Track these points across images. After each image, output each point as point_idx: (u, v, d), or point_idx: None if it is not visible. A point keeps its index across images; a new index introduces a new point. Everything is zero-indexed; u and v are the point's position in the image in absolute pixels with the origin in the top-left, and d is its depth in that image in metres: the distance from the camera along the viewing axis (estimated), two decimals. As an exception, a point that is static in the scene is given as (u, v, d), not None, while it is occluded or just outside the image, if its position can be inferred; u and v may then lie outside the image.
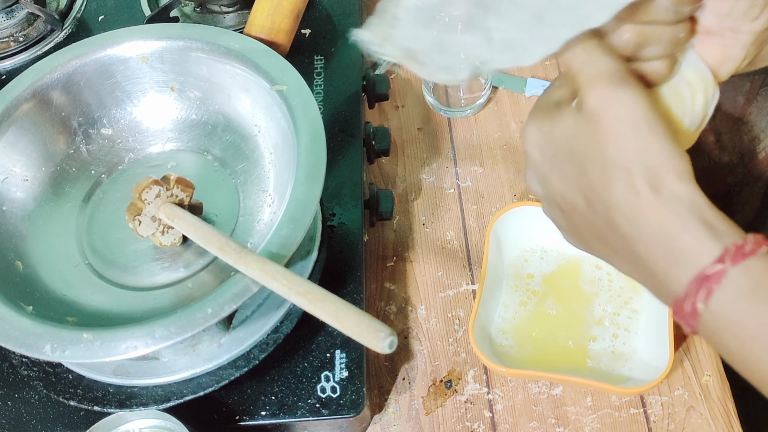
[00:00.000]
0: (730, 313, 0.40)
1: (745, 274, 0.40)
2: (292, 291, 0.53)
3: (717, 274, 0.40)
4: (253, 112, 0.71)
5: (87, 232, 0.69)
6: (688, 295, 0.41)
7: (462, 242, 0.80)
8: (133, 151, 0.74)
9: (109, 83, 0.73)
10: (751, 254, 0.40)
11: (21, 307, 0.59)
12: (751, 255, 0.40)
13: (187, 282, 0.65)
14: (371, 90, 0.84)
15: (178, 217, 0.64)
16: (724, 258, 0.40)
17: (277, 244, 0.58)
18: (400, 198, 0.83)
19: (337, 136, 0.79)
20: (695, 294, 0.40)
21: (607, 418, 0.67)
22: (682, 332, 0.71)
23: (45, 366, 0.65)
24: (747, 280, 0.40)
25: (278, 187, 0.67)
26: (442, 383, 0.71)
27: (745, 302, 0.40)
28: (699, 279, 0.40)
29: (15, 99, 0.69)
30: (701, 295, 0.40)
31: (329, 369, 0.65)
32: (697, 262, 0.40)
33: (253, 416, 0.63)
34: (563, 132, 0.45)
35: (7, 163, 0.69)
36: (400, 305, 0.76)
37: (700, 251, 0.40)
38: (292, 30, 0.79)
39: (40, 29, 0.95)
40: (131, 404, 0.62)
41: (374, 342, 0.50)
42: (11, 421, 0.64)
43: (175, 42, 0.72)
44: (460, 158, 0.86)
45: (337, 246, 0.72)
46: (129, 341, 0.55)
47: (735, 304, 0.40)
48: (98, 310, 0.63)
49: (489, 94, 0.89)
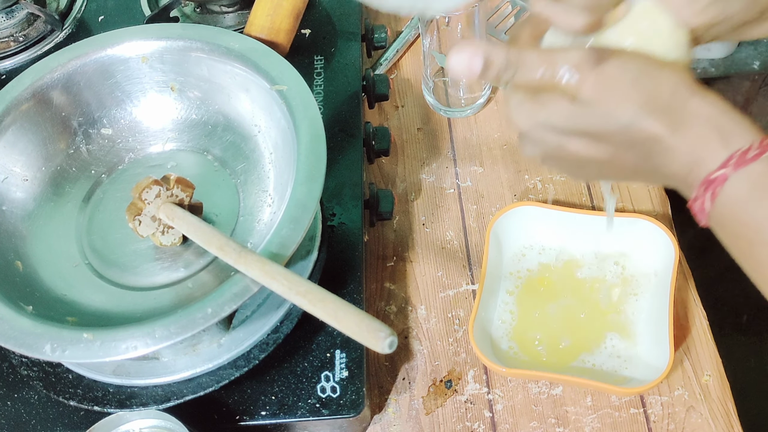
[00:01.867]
0: (731, 212, 0.45)
1: (745, 177, 0.44)
2: (292, 291, 0.53)
3: (720, 178, 0.44)
4: (253, 112, 0.71)
5: (87, 232, 0.69)
6: (698, 197, 0.46)
7: (462, 242, 0.80)
8: (133, 151, 0.74)
9: (109, 83, 0.73)
10: (753, 160, 0.44)
11: (21, 307, 0.59)
12: (753, 160, 0.44)
13: (187, 282, 0.65)
14: (371, 90, 0.84)
15: (178, 217, 0.64)
16: (727, 163, 0.44)
17: (277, 244, 0.58)
18: (400, 198, 0.83)
19: (337, 136, 0.79)
20: (703, 195, 0.45)
21: (607, 418, 0.67)
22: (682, 332, 0.71)
23: (45, 366, 0.65)
24: (746, 183, 0.44)
25: (278, 187, 0.67)
26: (442, 383, 0.71)
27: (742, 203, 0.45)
28: (705, 182, 0.45)
29: (15, 99, 0.70)
30: (708, 195, 0.45)
31: (329, 369, 0.65)
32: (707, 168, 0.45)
33: (253, 416, 0.63)
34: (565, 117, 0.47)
35: (7, 163, 0.69)
36: (400, 305, 0.76)
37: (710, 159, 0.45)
38: (292, 30, 0.79)
39: (40, 29, 0.95)
40: (131, 404, 0.62)
41: (374, 342, 0.50)
42: (11, 421, 0.64)
43: (175, 42, 0.72)
44: (460, 158, 0.86)
45: (337, 246, 0.72)
46: (129, 341, 0.55)
47: (735, 204, 0.45)
48: (98, 310, 0.63)
49: (489, 94, 0.89)
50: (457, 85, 0.90)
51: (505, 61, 0.46)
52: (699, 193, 0.46)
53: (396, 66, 0.95)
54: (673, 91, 0.45)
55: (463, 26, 0.84)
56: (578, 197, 0.81)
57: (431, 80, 0.89)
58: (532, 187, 0.82)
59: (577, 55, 0.46)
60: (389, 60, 0.94)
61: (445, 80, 0.90)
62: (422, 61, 0.89)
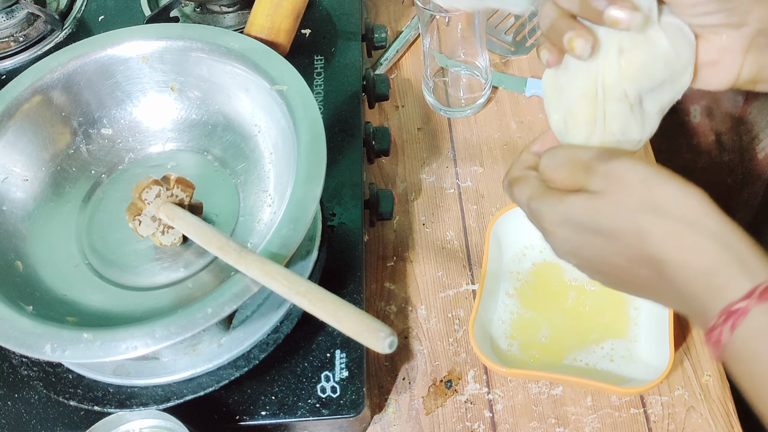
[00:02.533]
0: (747, 348, 0.43)
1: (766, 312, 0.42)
2: (292, 291, 0.53)
3: (742, 310, 0.43)
4: (253, 112, 0.71)
5: (87, 232, 0.69)
6: (716, 326, 0.44)
7: (462, 242, 0.80)
8: (133, 151, 0.74)
9: (109, 83, 0.73)
10: None
11: (21, 307, 0.59)
12: None
13: (187, 282, 0.65)
14: (371, 90, 0.84)
15: (178, 217, 0.64)
16: (751, 295, 0.42)
17: (277, 244, 0.58)
18: (400, 198, 0.83)
19: (337, 136, 0.79)
20: (722, 326, 0.43)
21: (607, 418, 0.67)
22: (682, 332, 0.71)
23: (45, 366, 0.65)
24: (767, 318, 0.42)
25: (278, 187, 0.67)
26: (442, 383, 0.71)
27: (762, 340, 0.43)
28: (726, 312, 0.43)
29: (15, 99, 0.70)
30: (727, 327, 0.43)
31: (329, 369, 0.65)
32: (728, 297, 0.43)
33: (253, 416, 0.63)
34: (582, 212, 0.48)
35: (7, 163, 0.69)
36: (400, 305, 0.76)
37: (732, 287, 0.43)
38: (292, 30, 0.79)
39: (40, 29, 0.95)
40: (131, 404, 0.62)
41: (374, 342, 0.50)
42: (11, 421, 0.64)
43: (175, 42, 0.72)
44: (460, 158, 0.86)
45: (337, 246, 0.72)
46: (129, 341, 0.55)
47: (752, 340, 0.43)
48: (98, 310, 0.63)
49: (489, 94, 0.89)
50: (457, 85, 0.90)
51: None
52: (718, 323, 0.44)
53: (396, 66, 0.95)
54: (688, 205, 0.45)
55: (463, 26, 0.84)
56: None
57: (431, 80, 0.89)
58: (532, 187, 0.82)
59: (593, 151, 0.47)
60: (389, 60, 0.94)
61: (445, 80, 0.90)
62: (422, 61, 0.89)
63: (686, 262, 0.44)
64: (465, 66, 0.88)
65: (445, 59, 0.88)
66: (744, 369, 0.44)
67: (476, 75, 0.88)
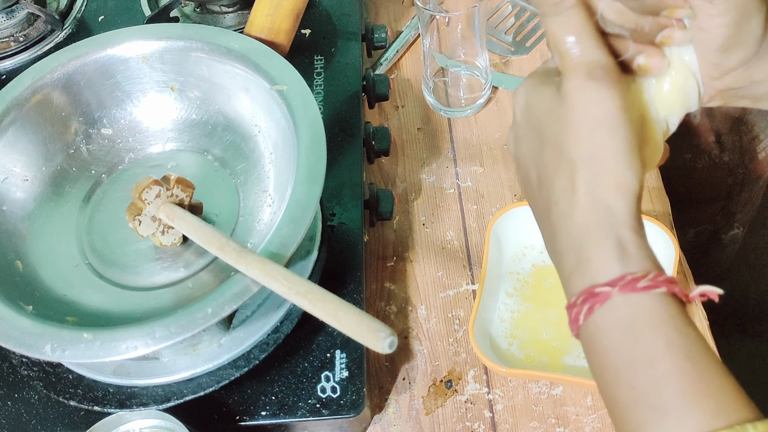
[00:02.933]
0: (601, 336, 0.41)
1: (629, 305, 0.40)
2: (292, 291, 0.53)
3: (603, 295, 0.41)
4: (253, 112, 0.71)
5: (87, 232, 0.69)
6: (576, 304, 0.42)
7: (462, 242, 0.80)
8: (133, 151, 0.74)
9: (109, 83, 0.73)
10: (643, 290, 0.40)
11: (21, 307, 0.59)
12: (642, 290, 0.40)
13: (187, 282, 0.65)
14: (371, 90, 0.84)
15: (178, 217, 0.64)
16: (616, 283, 0.40)
17: (277, 244, 0.58)
18: (400, 198, 0.83)
19: (337, 136, 0.79)
20: (581, 305, 0.41)
21: (607, 418, 0.67)
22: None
23: (45, 366, 0.65)
24: (628, 311, 0.40)
25: (278, 187, 0.67)
26: (443, 383, 0.71)
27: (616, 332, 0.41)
28: (587, 293, 0.41)
29: (15, 99, 0.69)
30: (585, 308, 0.41)
31: (329, 369, 0.65)
32: (593, 277, 0.41)
33: (253, 416, 0.63)
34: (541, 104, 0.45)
35: (7, 163, 0.69)
36: (400, 305, 0.76)
37: (600, 268, 0.41)
38: (292, 30, 0.79)
39: (40, 29, 0.95)
40: (131, 404, 0.62)
41: (374, 342, 0.50)
42: (11, 421, 0.64)
43: (175, 42, 0.72)
44: (460, 158, 0.86)
45: (337, 246, 0.72)
46: (129, 341, 0.55)
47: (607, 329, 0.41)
48: (98, 310, 0.63)
49: (489, 94, 0.89)
50: (457, 85, 0.90)
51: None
52: (576, 303, 0.42)
53: (396, 66, 0.95)
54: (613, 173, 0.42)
55: (463, 26, 0.84)
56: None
57: (431, 80, 0.89)
58: (532, 187, 0.82)
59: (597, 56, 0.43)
60: (389, 60, 0.94)
61: (445, 80, 0.90)
62: (422, 61, 0.89)
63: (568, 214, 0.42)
64: (465, 66, 0.88)
65: (445, 59, 0.88)
66: (595, 357, 0.42)
67: (476, 75, 0.88)
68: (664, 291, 0.40)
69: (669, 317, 0.40)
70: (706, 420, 0.38)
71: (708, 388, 0.39)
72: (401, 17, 0.99)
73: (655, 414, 0.39)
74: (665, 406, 0.39)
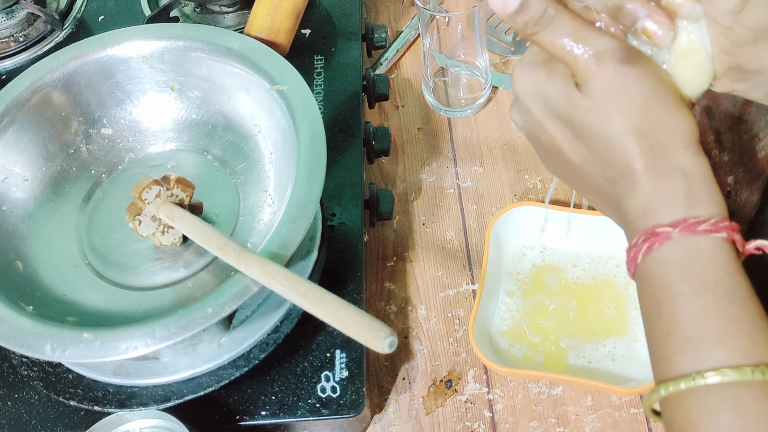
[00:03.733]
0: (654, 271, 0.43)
1: (685, 245, 0.42)
2: (292, 291, 0.53)
3: (664, 235, 0.42)
4: (253, 112, 0.71)
5: (87, 232, 0.69)
6: (636, 244, 0.44)
7: (462, 242, 0.80)
8: (133, 151, 0.74)
9: (109, 83, 0.73)
10: (703, 233, 0.42)
11: (21, 307, 0.59)
12: (702, 233, 0.42)
13: (187, 282, 0.65)
14: (371, 90, 0.84)
15: (178, 217, 0.64)
16: (678, 224, 0.42)
17: (277, 244, 0.58)
18: (400, 198, 0.83)
19: (337, 136, 0.79)
20: (641, 244, 0.43)
21: (607, 417, 0.67)
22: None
23: (45, 366, 0.65)
24: (683, 251, 0.42)
25: (278, 187, 0.67)
26: (442, 383, 0.71)
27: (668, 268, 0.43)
28: (649, 232, 0.43)
29: (15, 99, 0.69)
30: (644, 247, 0.43)
31: (329, 369, 0.65)
32: (658, 219, 0.43)
33: (253, 416, 0.63)
34: (563, 101, 0.46)
35: (7, 163, 0.69)
36: (400, 305, 0.76)
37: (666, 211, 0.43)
38: (292, 30, 0.79)
39: (40, 29, 0.95)
40: (131, 404, 0.62)
41: (374, 342, 0.50)
42: (11, 421, 0.64)
43: (175, 42, 0.72)
44: (460, 158, 0.86)
45: (337, 246, 0.72)
46: (129, 341, 0.55)
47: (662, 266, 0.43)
48: (98, 310, 0.63)
49: (489, 94, 0.89)
50: (457, 85, 0.90)
51: (541, 11, 0.44)
52: (638, 243, 0.44)
53: (396, 66, 0.95)
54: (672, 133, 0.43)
55: (463, 26, 0.84)
56: (578, 197, 0.81)
57: (431, 80, 0.89)
58: (532, 187, 0.82)
59: (608, 43, 0.44)
60: (389, 60, 0.94)
61: (445, 80, 0.90)
62: (422, 61, 0.89)
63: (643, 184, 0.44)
64: (465, 66, 0.88)
65: (445, 59, 0.88)
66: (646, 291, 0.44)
67: (476, 75, 0.88)
68: (724, 236, 0.42)
69: (721, 261, 0.42)
70: (736, 356, 0.40)
71: (745, 329, 0.41)
72: (401, 17, 0.99)
73: (689, 345, 0.42)
74: (700, 339, 0.41)
